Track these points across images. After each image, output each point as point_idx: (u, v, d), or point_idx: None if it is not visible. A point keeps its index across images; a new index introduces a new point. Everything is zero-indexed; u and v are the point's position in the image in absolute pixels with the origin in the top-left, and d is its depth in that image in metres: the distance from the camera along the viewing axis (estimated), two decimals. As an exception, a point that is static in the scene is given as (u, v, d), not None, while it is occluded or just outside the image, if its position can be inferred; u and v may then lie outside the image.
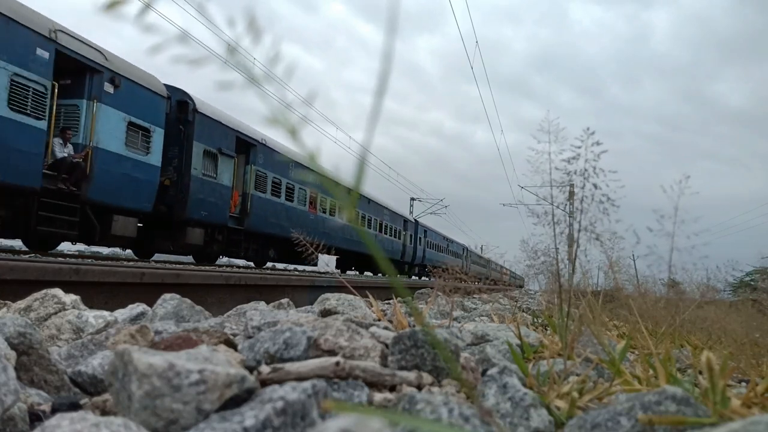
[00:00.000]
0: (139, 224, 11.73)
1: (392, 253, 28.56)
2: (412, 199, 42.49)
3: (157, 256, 13.64)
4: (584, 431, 0.87)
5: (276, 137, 16.01)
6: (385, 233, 26.94)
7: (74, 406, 1.01)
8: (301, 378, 1.02)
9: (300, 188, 18.13)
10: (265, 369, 1.04)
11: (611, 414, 0.87)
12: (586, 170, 1.19)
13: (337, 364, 1.07)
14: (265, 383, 1.00)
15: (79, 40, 9.72)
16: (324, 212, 20.05)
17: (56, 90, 9.24)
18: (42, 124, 8.98)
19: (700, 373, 1.38)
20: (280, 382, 0.99)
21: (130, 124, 10.81)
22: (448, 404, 0.85)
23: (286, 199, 17.24)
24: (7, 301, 1.98)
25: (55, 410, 0.98)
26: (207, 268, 10.40)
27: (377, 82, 0.49)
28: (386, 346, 1.25)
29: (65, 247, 11.75)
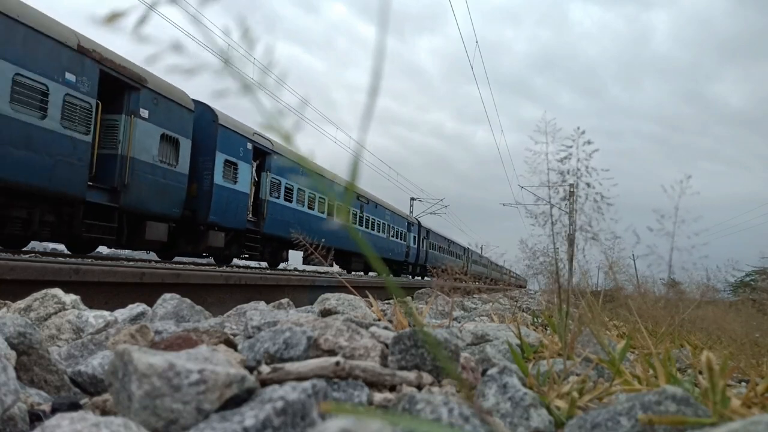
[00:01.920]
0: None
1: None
2: (412, 199, 42.51)
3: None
4: (584, 431, 0.87)
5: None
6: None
7: (74, 406, 1.01)
8: (301, 378, 1.02)
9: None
10: (265, 369, 1.04)
11: (611, 414, 0.87)
12: (578, 169, 1.19)
13: (337, 364, 1.07)
14: (265, 383, 1.00)
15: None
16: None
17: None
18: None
19: (700, 373, 1.38)
20: (280, 382, 0.99)
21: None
22: (448, 404, 0.85)
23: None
24: (7, 301, 1.98)
25: (55, 410, 0.98)
26: (207, 268, 10.42)
27: (371, 77, 0.50)
28: (386, 346, 1.25)
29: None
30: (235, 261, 16.15)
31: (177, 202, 12.40)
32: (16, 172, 8.51)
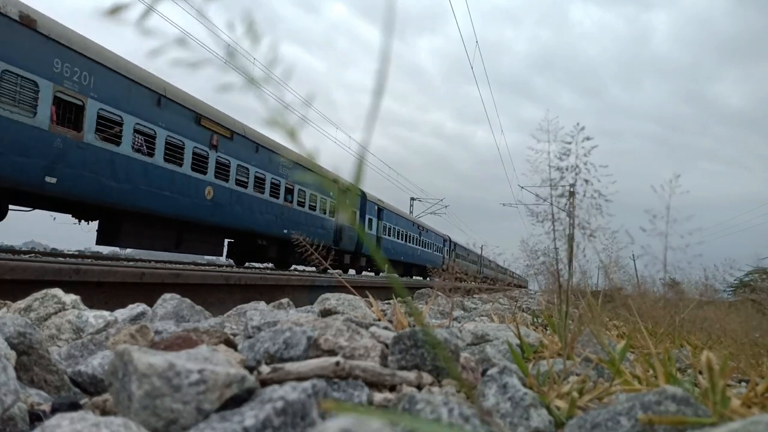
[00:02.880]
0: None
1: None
2: (412, 199, 42.57)
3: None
4: (584, 431, 0.87)
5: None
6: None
7: (74, 406, 1.01)
8: (301, 378, 1.02)
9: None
10: (265, 369, 1.04)
11: (611, 414, 0.87)
12: (577, 166, 1.19)
13: (337, 364, 1.07)
14: (265, 383, 1.00)
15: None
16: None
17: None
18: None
19: (700, 373, 1.38)
20: (280, 382, 0.99)
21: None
22: (448, 404, 0.85)
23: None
24: (7, 301, 1.98)
25: (55, 410, 0.98)
26: (207, 268, 10.44)
27: (376, 80, 0.50)
28: (386, 346, 1.25)
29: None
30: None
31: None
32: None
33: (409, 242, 31.72)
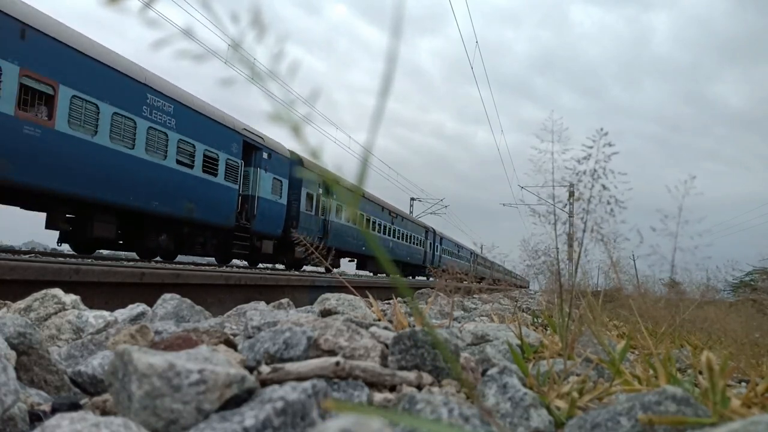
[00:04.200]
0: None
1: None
2: (412, 199, 42.54)
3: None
4: (584, 431, 0.87)
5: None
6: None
7: (74, 406, 1.01)
8: (301, 378, 1.02)
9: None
10: (265, 369, 1.04)
11: (611, 414, 0.87)
12: (595, 171, 1.18)
13: (337, 364, 1.06)
14: (265, 383, 1.00)
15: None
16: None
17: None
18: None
19: (700, 373, 1.38)
20: (280, 382, 0.99)
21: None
22: (448, 404, 0.85)
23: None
24: (7, 301, 1.98)
25: (55, 410, 0.98)
26: (207, 268, 10.44)
27: (381, 83, 0.49)
28: (386, 346, 1.25)
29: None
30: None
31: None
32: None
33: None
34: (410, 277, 29.36)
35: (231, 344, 1.28)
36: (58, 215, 11.07)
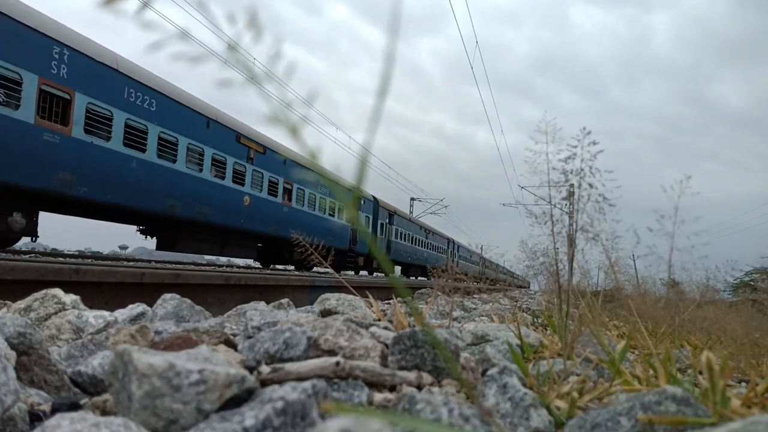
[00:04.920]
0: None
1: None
2: (412, 199, 42.60)
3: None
4: (584, 431, 0.87)
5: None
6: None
7: (74, 406, 1.01)
8: (301, 378, 1.02)
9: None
10: (265, 369, 1.04)
11: (611, 414, 0.87)
12: (582, 170, 1.19)
13: (337, 364, 1.07)
14: (265, 383, 1.00)
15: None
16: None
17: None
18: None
19: (700, 373, 1.38)
20: (280, 382, 0.99)
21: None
22: (448, 404, 0.85)
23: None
24: (7, 301, 1.98)
25: (55, 410, 0.98)
26: (207, 268, 10.44)
27: (379, 82, 0.49)
28: (386, 346, 1.25)
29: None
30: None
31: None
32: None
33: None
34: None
35: (231, 344, 1.28)
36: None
